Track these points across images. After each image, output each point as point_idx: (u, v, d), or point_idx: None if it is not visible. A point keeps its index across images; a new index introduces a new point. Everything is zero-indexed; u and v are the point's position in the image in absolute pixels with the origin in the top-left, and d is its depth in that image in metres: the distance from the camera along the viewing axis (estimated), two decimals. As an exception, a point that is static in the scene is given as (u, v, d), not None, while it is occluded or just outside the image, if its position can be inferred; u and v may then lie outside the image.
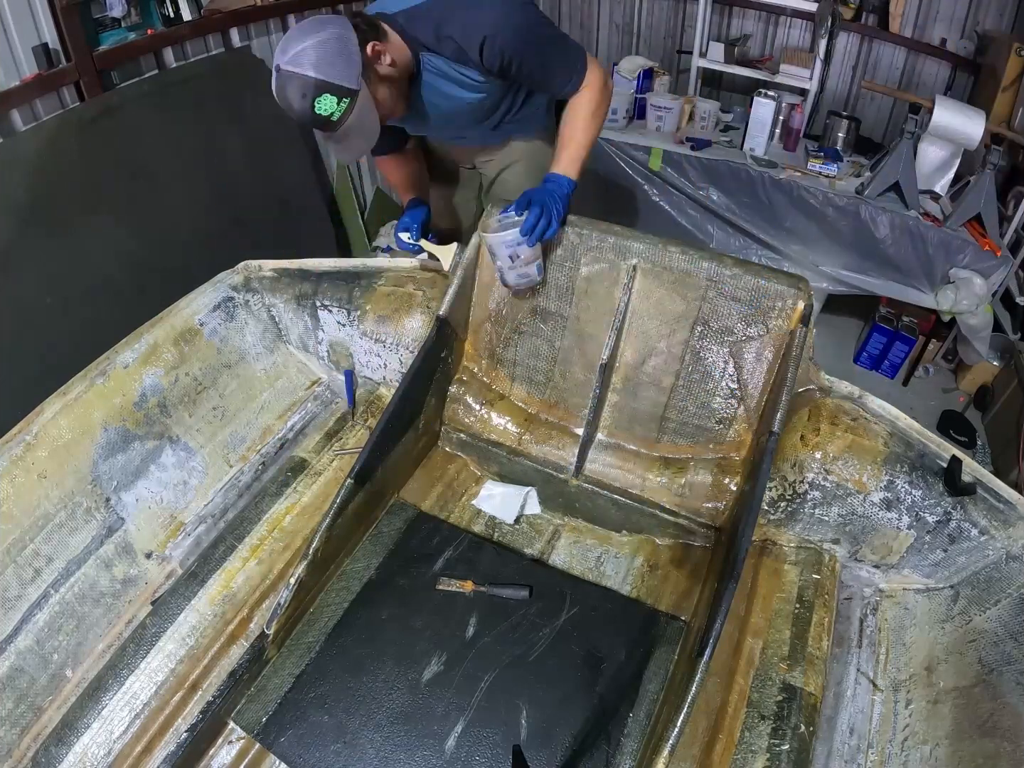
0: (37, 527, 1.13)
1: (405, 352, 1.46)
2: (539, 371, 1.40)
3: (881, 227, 2.36)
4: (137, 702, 1.02)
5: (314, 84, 1.05)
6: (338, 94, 1.07)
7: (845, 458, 1.18)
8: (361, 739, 1.02)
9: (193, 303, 1.43)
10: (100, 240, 2.01)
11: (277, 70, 1.08)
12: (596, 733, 1.03)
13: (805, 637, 1.10)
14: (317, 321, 1.52)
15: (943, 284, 2.35)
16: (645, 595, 1.22)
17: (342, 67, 1.07)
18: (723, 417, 1.29)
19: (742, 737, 0.99)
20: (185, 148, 2.24)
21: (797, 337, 1.18)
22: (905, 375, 2.78)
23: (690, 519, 1.28)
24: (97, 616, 1.16)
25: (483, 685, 1.08)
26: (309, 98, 1.06)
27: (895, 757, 1.01)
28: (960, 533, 1.14)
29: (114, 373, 1.28)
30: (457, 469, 1.46)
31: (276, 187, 2.60)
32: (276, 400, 1.54)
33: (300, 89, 1.06)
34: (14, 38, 1.79)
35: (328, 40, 1.06)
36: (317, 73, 1.05)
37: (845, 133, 2.71)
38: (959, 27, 2.82)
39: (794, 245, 2.58)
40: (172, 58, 2.26)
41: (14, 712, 1.03)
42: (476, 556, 1.26)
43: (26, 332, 1.85)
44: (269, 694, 1.07)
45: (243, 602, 1.15)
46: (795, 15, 3.04)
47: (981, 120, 2.21)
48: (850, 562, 1.24)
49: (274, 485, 1.33)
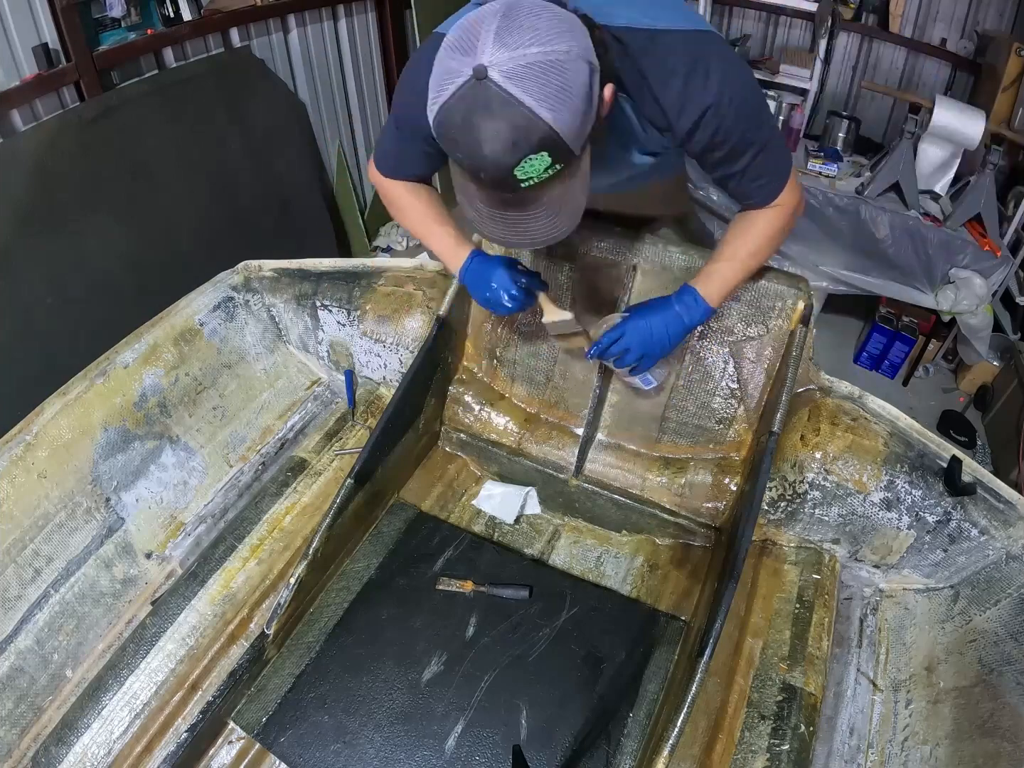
0: (37, 527, 1.13)
1: (405, 352, 1.46)
2: (539, 371, 1.40)
3: (881, 227, 2.36)
4: (137, 702, 1.02)
5: (541, 131, 0.65)
6: (555, 156, 0.68)
7: (845, 458, 1.18)
8: (361, 739, 1.02)
9: (193, 303, 1.43)
10: (100, 240, 2.01)
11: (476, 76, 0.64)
12: (596, 733, 1.03)
13: (805, 637, 1.10)
14: (317, 321, 1.52)
15: (943, 284, 2.35)
16: (645, 595, 1.22)
17: (581, 116, 0.68)
18: (723, 417, 1.29)
19: (742, 737, 0.99)
20: (185, 148, 2.24)
21: (797, 337, 1.18)
22: (905, 375, 2.78)
23: (690, 519, 1.28)
24: (97, 616, 1.16)
25: (483, 685, 1.08)
26: (521, 149, 0.66)
27: (895, 757, 1.01)
28: (960, 533, 1.14)
29: (114, 373, 1.27)
30: (457, 469, 1.46)
31: (276, 187, 2.60)
32: (276, 400, 1.54)
33: (512, 129, 0.65)
34: (14, 38, 1.79)
35: (568, 63, 0.65)
36: (552, 114, 0.65)
37: (845, 133, 2.71)
38: (959, 27, 2.82)
39: (794, 245, 2.58)
40: (172, 58, 2.27)
41: (14, 712, 1.03)
42: (476, 556, 1.26)
43: (26, 332, 1.85)
44: (269, 694, 1.07)
45: (243, 602, 1.15)
46: (795, 15, 3.04)
47: (981, 120, 2.21)
48: (850, 562, 1.24)
49: (274, 485, 1.33)
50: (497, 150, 0.66)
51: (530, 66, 0.64)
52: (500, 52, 0.64)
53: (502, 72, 0.64)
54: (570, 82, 0.66)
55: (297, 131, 2.72)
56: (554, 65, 0.65)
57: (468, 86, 0.65)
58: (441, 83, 0.68)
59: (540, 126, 0.65)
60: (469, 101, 0.66)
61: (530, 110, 0.64)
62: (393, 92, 3.19)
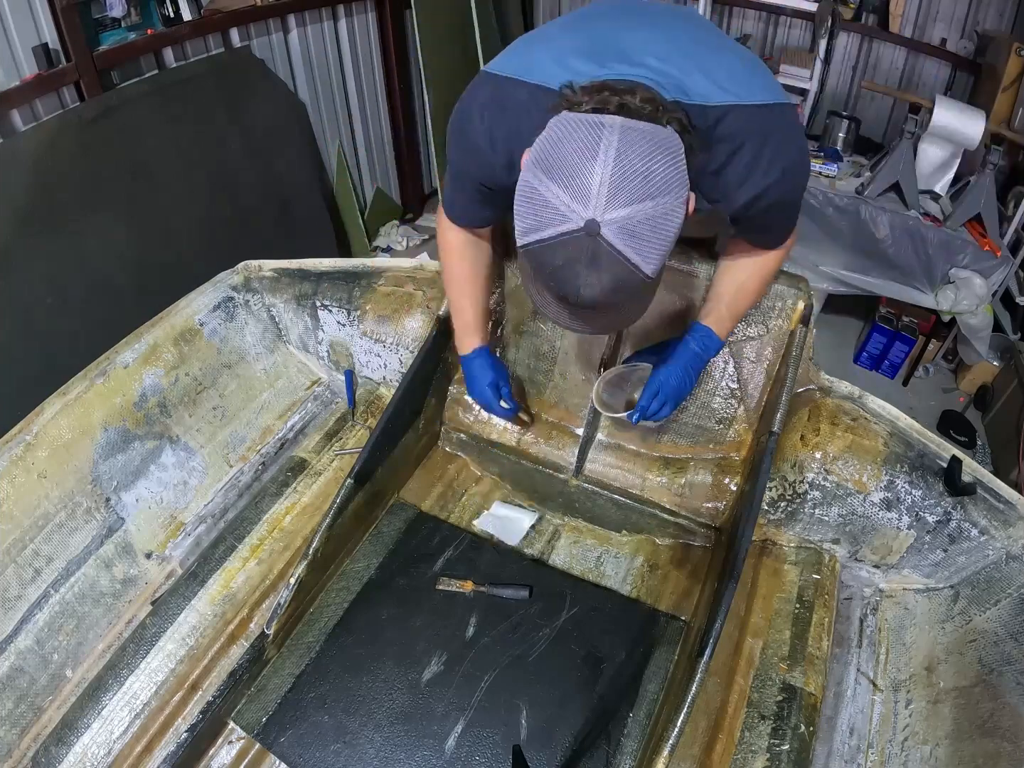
0: (37, 527, 1.13)
1: (405, 352, 1.46)
2: (539, 371, 1.40)
3: (881, 227, 2.36)
4: (137, 702, 1.02)
5: (640, 280, 0.68)
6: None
7: (845, 458, 1.18)
8: (361, 739, 1.02)
9: (193, 303, 1.43)
10: (100, 240, 2.01)
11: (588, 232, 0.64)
12: (596, 733, 1.03)
13: (805, 637, 1.10)
14: (317, 321, 1.52)
15: (943, 284, 2.35)
16: (645, 595, 1.22)
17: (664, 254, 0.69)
18: (723, 417, 1.29)
19: (742, 737, 0.99)
20: (185, 148, 2.24)
21: (797, 337, 1.18)
22: (905, 375, 2.78)
23: (690, 519, 1.28)
24: (97, 616, 1.16)
25: (483, 685, 1.08)
26: (619, 295, 0.69)
27: (895, 757, 1.01)
28: (960, 533, 1.13)
29: (114, 373, 1.27)
30: (457, 469, 1.46)
31: (276, 187, 2.60)
32: (276, 400, 1.54)
33: (615, 281, 0.67)
34: (14, 38, 1.79)
35: (672, 212, 0.66)
36: (652, 266, 0.67)
37: (845, 133, 2.71)
38: (959, 27, 2.82)
39: (794, 245, 2.57)
40: (172, 58, 2.27)
41: (14, 712, 1.03)
42: (476, 556, 1.26)
43: (26, 332, 1.85)
44: (269, 694, 1.07)
45: (243, 602, 1.15)
46: (795, 15, 3.04)
47: (981, 120, 2.21)
48: (850, 562, 1.24)
49: (274, 485, 1.33)
50: (595, 296, 0.68)
51: (641, 223, 0.64)
52: (614, 211, 0.63)
53: (614, 231, 0.64)
54: (671, 231, 0.67)
55: (297, 131, 2.72)
56: (662, 219, 0.65)
57: (577, 236, 0.64)
58: (540, 216, 0.66)
59: (640, 276, 0.67)
60: (574, 249, 0.65)
61: (636, 266, 0.66)
62: (390, 92, 3.21)
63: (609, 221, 0.63)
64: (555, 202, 0.65)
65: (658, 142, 0.66)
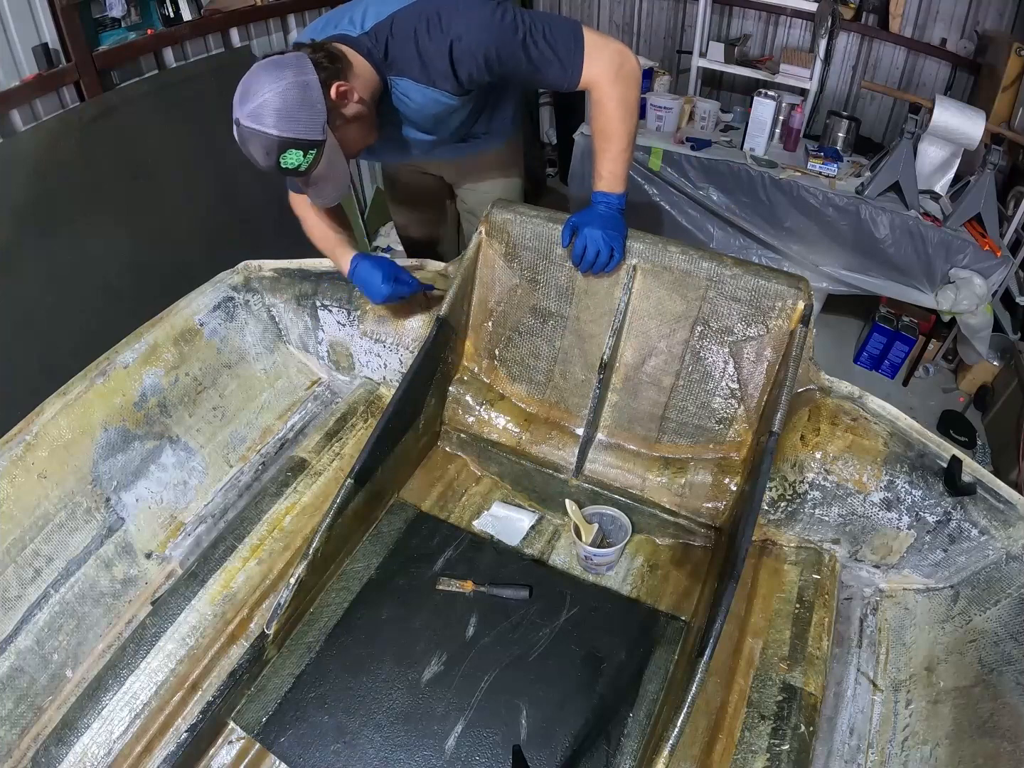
0: (37, 527, 1.13)
1: (405, 352, 1.46)
2: (539, 371, 1.40)
3: (881, 227, 2.36)
4: (137, 702, 1.02)
5: (277, 142, 1.01)
6: (303, 148, 1.03)
7: (845, 458, 1.18)
8: (361, 739, 1.02)
9: (193, 303, 1.43)
10: (100, 240, 2.01)
11: (237, 124, 1.02)
12: (596, 733, 1.03)
13: (805, 637, 1.10)
14: (317, 321, 1.52)
15: (943, 284, 2.35)
16: (645, 595, 1.22)
17: (305, 120, 1.02)
18: (723, 417, 1.29)
19: (742, 737, 0.99)
20: (185, 148, 2.24)
21: (797, 337, 1.18)
22: (905, 375, 2.78)
23: (690, 519, 1.28)
24: (97, 616, 1.16)
25: (483, 685, 1.08)
26: (274, 155, 1.03)
27: (895, 757, 1.01)
28: (960, 533, 1.13)
29: (114, 373, 1.28)
30: (457, 469, 1.46)
31: (276, 187, 2.56)
32: (276, 400, 1.54)
33: (263, 147, 1.02)
34: (14, 38, 1.79)
35: (288, 89, 1.00)
36: (280, 131, 1.00)
37: (845, 133, 2.70)
38: (959, 27, 2.82)
39: (794, 245, 2.58)
40: (172, 58, 2.27)
41: (14, 712, 1.03)
42: (476, 556, 1.26)
43: (26, 332, 1.85)
44: (269, 694, 1.07)
45: (243, 602, 1.15)
46: (795, 15, 3.04)
47: (981, 120, 2.21)
48: (850, 562, 1.24)
49: (274, 485, 1.33)
50: (263, 158, 1.04)
51: (263, 105, 1.00)
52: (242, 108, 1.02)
53: (246, 117, 1.01)
54: (289, 103, 1.00)
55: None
56: (275, 97, 1.00)
57: (237, 130, 1.04)
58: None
59: (276, 139, 1.01)
60: (241, 138, 1.04)
61: (266, 132, 1.01)
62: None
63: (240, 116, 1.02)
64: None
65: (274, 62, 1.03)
